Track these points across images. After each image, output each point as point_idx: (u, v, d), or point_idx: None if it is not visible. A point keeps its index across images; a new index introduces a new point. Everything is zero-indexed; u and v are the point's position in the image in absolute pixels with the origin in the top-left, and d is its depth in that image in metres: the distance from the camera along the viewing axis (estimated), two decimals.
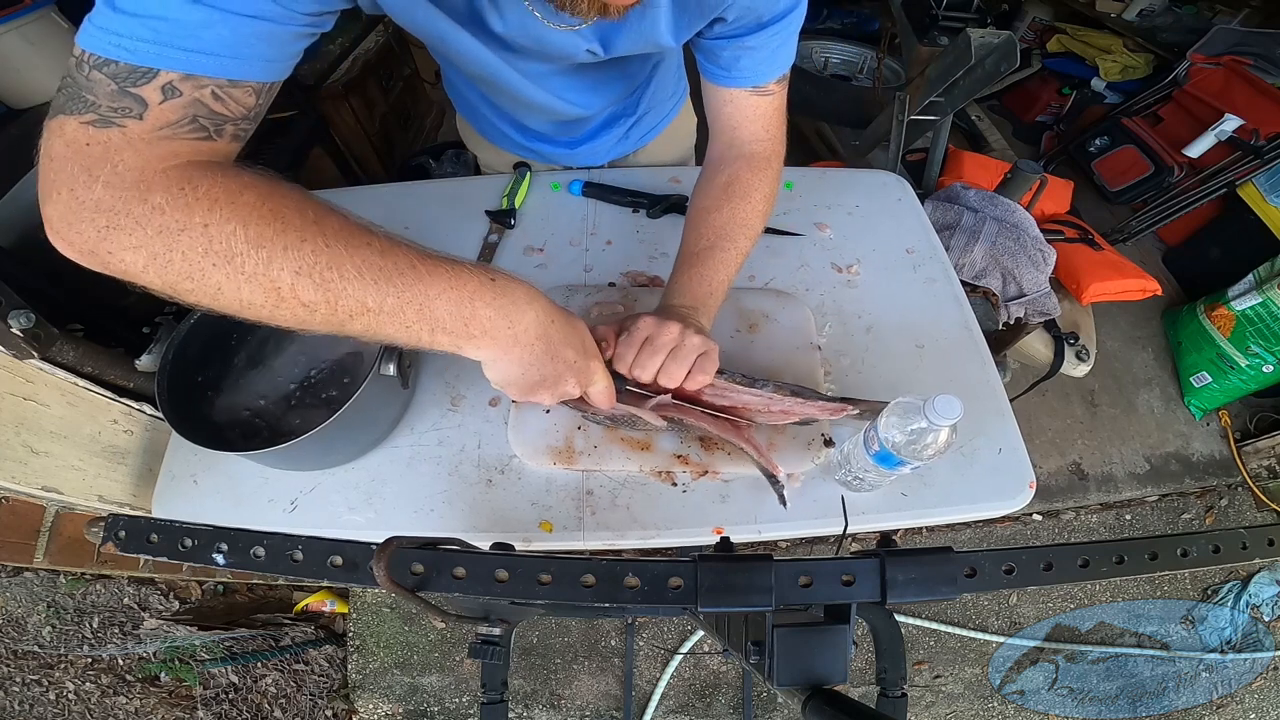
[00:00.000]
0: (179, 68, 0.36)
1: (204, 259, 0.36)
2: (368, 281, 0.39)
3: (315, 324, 0.39)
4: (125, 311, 0.81)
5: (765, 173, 0.69)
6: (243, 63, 0.39)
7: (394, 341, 0.43)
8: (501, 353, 0.47)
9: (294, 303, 0.38)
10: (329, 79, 1.72)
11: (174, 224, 0.35)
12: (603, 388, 0.57)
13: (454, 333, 0.43)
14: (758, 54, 0.62)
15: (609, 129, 0.92)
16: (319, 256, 0.37)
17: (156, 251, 0.35)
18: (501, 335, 0.45)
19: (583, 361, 0.53)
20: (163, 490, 0.69)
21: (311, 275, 0.37)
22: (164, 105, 0.36)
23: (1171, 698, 1.55)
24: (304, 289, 0.37)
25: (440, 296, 0.42)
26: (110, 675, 1.38)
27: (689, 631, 1.50)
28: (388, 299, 0.40)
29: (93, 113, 0.35)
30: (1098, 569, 0.39)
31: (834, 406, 0.64)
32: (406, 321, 0.41)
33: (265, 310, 0.38)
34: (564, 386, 0.53)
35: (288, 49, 0.42)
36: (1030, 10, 2.62)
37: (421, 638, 1.47)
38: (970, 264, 1.21)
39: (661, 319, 0.60)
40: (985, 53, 1.21)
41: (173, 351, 0.63)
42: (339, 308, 0.39)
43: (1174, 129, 2.09)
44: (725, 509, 0.66)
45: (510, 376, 0.49)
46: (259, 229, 0.36)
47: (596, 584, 0.36)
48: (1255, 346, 1.71)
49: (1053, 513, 1.73)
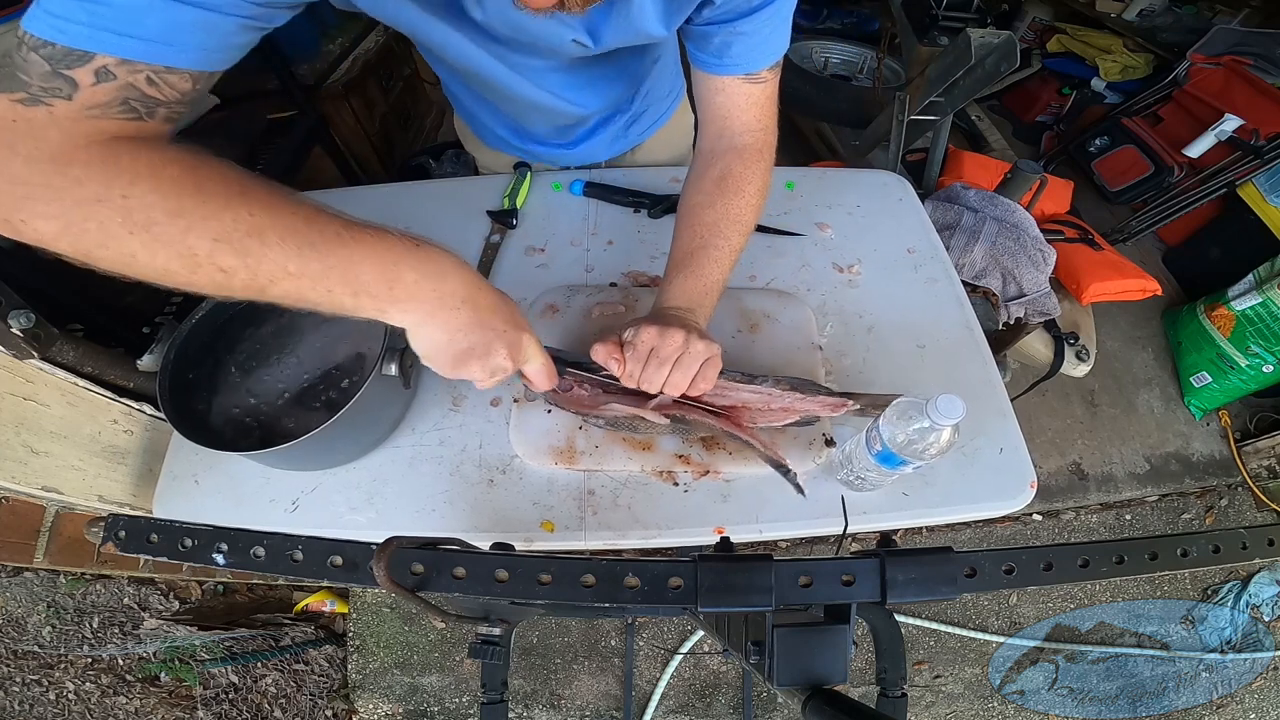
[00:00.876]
0: (112, 51, 0.37)
1: (121, 228, 0.36)
2: (290, 247, 0.39)
3: (234, 288, 0.40)
4: (125, 311, 0.81)
5: (758, 165, 0.68)
6: (178, 50, 0.39)
7: (317, 307, 0.43)
8: (427, 315, 0.46)
9: (211, 268, 0.38)
10: (329, 79, 1.73)
11: (91, 195, 0.36)
12: (539, 365, 0.56)
13: (378, 296, 0.43)
14: (749, 40, 0.61)
15: (605, 127, 0.91)
16: (239, 225, 0.38)
17: (71, 220, 0.36)
18: (426, 298, 0.45)
19: (514, 333, 0.52)
20: (164, 490, 0.69)
21: (231, 242, 0.38)
22: (95, 88, 0.37)
23: (1171, 698, 1.55)
24: (222, 255, 0.38)
25: (364, 261, 0.42)
26: (110, 675, 1.38)
27: (689, 631, 1.50)
28: (310, 264, 0.40)
29: (23, 91, 0.36)
30: (1098, 569, 0.39)
31: (835, 401, 0.64)
32: (329, 285, 0.41)
33: (181, 276, 0.39)
34: (495, 358, 0.51)
35: (229, 40, 0.42)
36: (1030, 10, 2.62)
37: (421, 638, 1.47)
38: (970, 264, 1.21)
39: (663, 328, 0.59)
40: (985, 53, 1.21)
41: (174, 351, 0.63)
42: (259, 272, 0.39)
43: (1174, 129, 2.09)
44: (727, 509, 0.66)
45: (438, 343, 0.49)
46: (179, 200, 0.37)
47: (596, 584, 0.36)
48: (1255, 346, 1.71)
49: (1053, 513, 1.73)
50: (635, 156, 1.03)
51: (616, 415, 0.64)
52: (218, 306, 0.67)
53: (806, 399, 0.64)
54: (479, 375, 0.52)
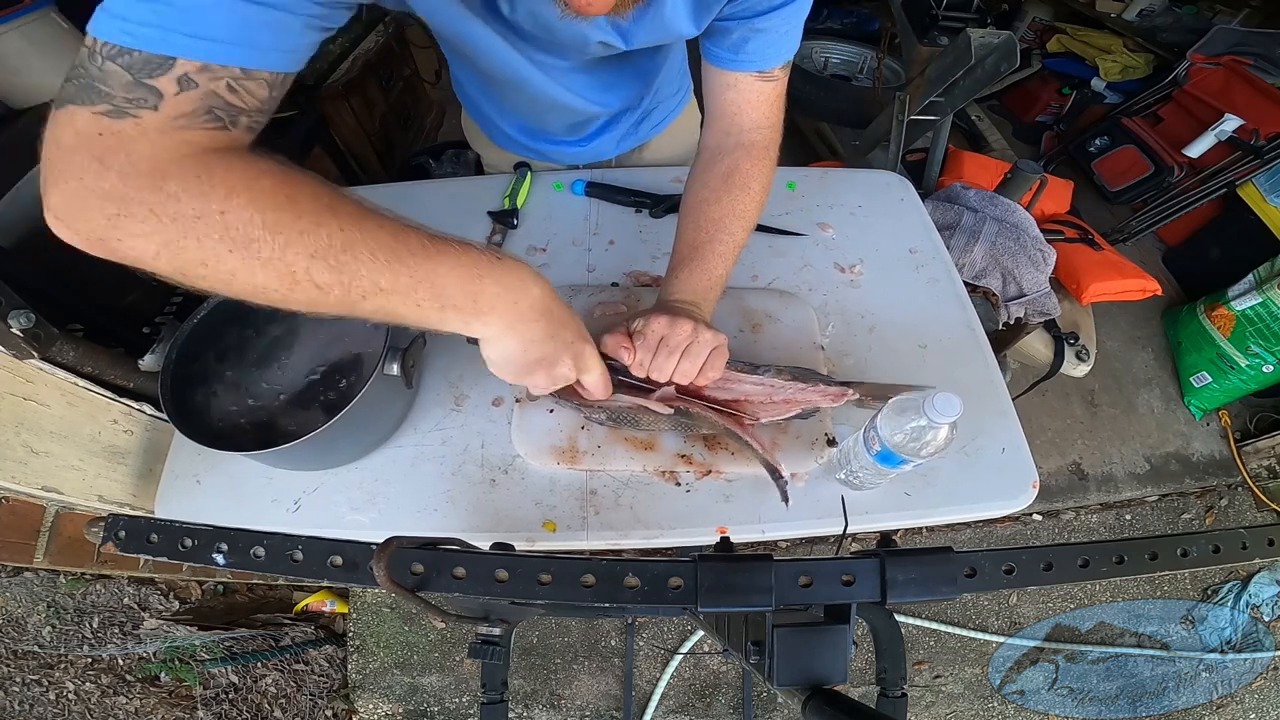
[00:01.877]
0: (186, 54, 0.36)
1: (220, 245, 0.36)
2: (381, 262, 0.40)
3: (328, 305, 0.40)
4: (126, 311, 0.81)
5: (764, 163, 0.69)
6: (251, 50, 0.38)
7: (404, 321, 0.43)
8: (506, 328, 0.47)
9: (308, 285, 0.38)
10: (329, 79, 1.72)
11: (190, 211, 0.35)
12: (598, 375, 0.57)
13: (463, 309, 0.44)
14: (766, 36, 0.62)
15: (616, 124, 0.92)
16: (334, 240, 0.38)
17: (170, 238, 0.36)
18: (508, 311, 0.47)
19: (579, 345, 0.54)
20: (165, 490, 0.69)
21: (326, 258, 0.38)
22: (180, 96, 0.36)
23: (1171, 698, 1.55)
24: (319, 272, 0.38)
25: (450, 274, 0.43)
26: (110, 675, 1.38)
27: (689, 631, 1.50)
28: (400, 278, 0.41)
29: (106, 103, 0.35)
30: (1098, 569, 0.39)
31: (835, 391, 0.65)
32: (418, 300, 0.42)
33: (279, 294, 0.38)
34: (560, 369, 0.53)
35: (298, 40, 0.41)
36: (1030, 10, 2.62)
37: (421, 638, 1.47)
38: (970, 264, 1.21)
39: (673, 318, 0.60)
40: (985, 53, 1.21)
41: (175, 351, 0.62)
42: (353, 289, 0.39)
43: (1174, 129, 2.09)
44: (729, 509, 0.66)
45: (511, 354, 0.50)
46: (276, 215, 0.37)
47: (596, 584, 0.36)
48: (1255, 346, 1.71)
49: (1053, 513, 1.73)
50: (643, 155, 1.03)
51: (621, 407, 0.64)
52: (218, 306, 0.67)
53: (808, 389, 0.65)
54: (543, 384, 0.54)
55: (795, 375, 0.66)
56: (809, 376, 0.66)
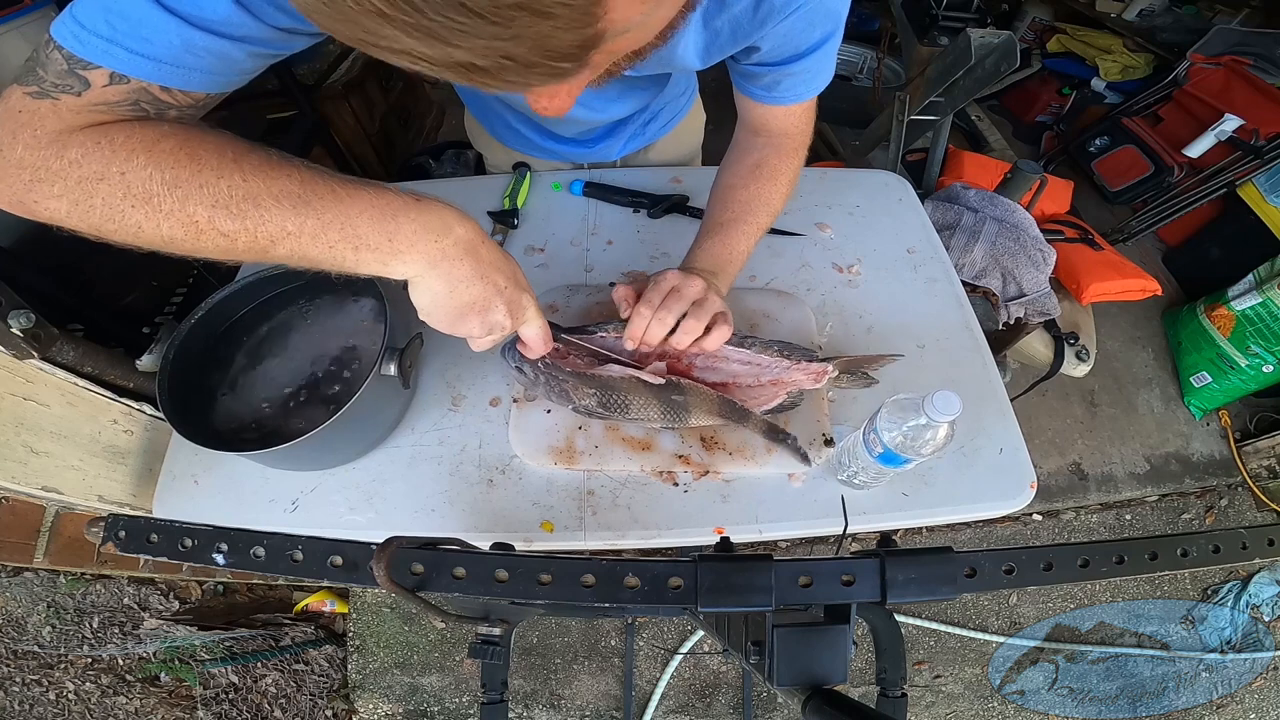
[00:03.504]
0: (119, 68, 0.38)
1: (123, 202, 0.39)
2: (286, 208, 0.40)
3: (239, 252, 0.41)
4: (125, 311, 0.81)
5: (793, 159, 0.71)
6: (186, 73, 0.40)
7: (321, 265, 0.43)
8: (428, 266, 0.46)
9: (213, 234, 0.40)
10: (329, 79, 1.73)
11: (92, 174, 0.38)
12: (537, 327, 0.56)
13: (378, 249, 0.43)
14: (799, 78, 0.63)
15: (624, 127, 0.92)
16: (235, 190, 0.39)
17: (78, 199, 0.39)
18: (429, 249, 0.45)
19: (514, 291, 0.52)
20: (163, 490, 0.69)
21: (229, 208, 0.39)
22: (108, 88, 0.39)
23: (1171, 698, 1.55)
24: (222, 220, 0.39)
25: (362, 215, 0.42)
26: (110, 675, 1.38)
27: (689, 631, 1.50)
28: (308, 221, 0.41)
29: (37, 85, 0.39)
30: (1098, 569, 0.39)
31: (817, 369, 0.67)
32: (330, 241, 0.42)
33: (187, 243, 0.40)
34: (495, 314, 0.51)
35: (240, 67, 0.43)
36: (1030, 10, 2.62)
37: (421, 638, 1.47)
38: (970, 264, 1.21)
39: (687, 274, 0.62)
40: (985, 53, 1.21)
41: (174, 351, 0.62)
42: (259, 234, 0.40)
43: (1174, 129, 2.09)
44: (726, 509, 0.66)
45: (437, 296, 0.48)
46: (175, 172, 0.39)
47: (596, 584, 0.36)
48: (1255, 346, 1.71)
49: (1053, 513, 1.73)
50: (648, 155, 1.03)
51: (612, 377, 0.63)
52: (217, 306, 0.67)
53: (792, 367, 0.67)
54: (477, 331, 0.51)
55: (781, 350, 0.68)
56: (795, 352, 0.68)
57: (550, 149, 0.96)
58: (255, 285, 0.68)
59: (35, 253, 0.93)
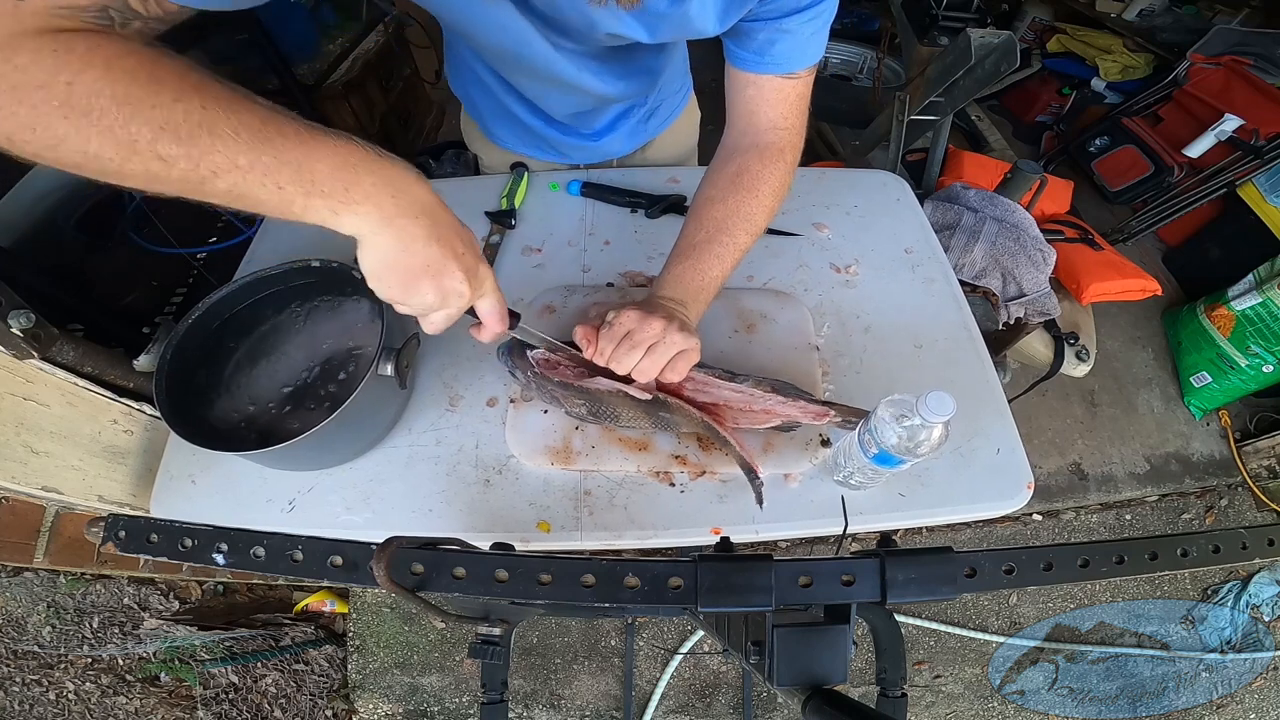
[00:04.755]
0: None
1: (55, 112, 0.35)
2: (243, 142, 0.38)
3: (170, 180, 0.38)
4: (125, 311, 0.81)
5: (777, 165, 0.67)
6: None
7: (260, 207, 0.41)
8: (383, 222, 0.44)
9: (149, 156, 0.36)
10: (329, 79, 1.73)
11: (32, 81, 0.34)
12: (493, 302, 0.53)
13: (332, 196, 0.41)
14: (792, 39, 0.61)
15: (625, 119, 0.92)
16: (191, 116, 0.37)
17: (2, 103, 0.35)
18: (385, 203, 0.43)
19: (471, 259, 0.50)
20: (161, 490, 0.69)
21: (178, 132, 0.36)
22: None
23: (1171, 698, 1.55)
24: (165, 144, 0.36)
25: (323, 161, 0.41)
26: (110, 675, 1.38)
27: (689, 631, 1.50)
28: (263, 157, 0.38)
29: None
30: (1098, 569, 0.39)
31: (816, 410, 0.64)
32: (280, 181, 0.39)
33: (112, 164, 0.37)
34: (451, 280, 0.48)
35: None
36: (1030, 10, 2.62)
37: (421, 638, 1.47)
38: (970, 264, 1.21)
39: (645, 314, 0.59)
40: (985, 53, 1.21)
41: (171, 351, 0.62)
42: (203, 164, 0.37)
43: (1174, 129, 2.09)
44: (723, 509, 0.66)
45: (389, 254, 0.45)
46: (128, 89, 0.36)
47: (596, 584, 0.36)
48: (1255, 346, 1.71)
49: (1053, 513, 1.73)
50: (646, 154, 1.03)
51: (600, 390, 0.63)
52: (215, 306, 0.67)
53: (787, 403, 0.64)
54: (431, 298, 0.48)
55: (775, 387, 0.65)
56: (788, 390, 0.65)
57: (550, 139, 0.93)
58: (252, 285, 0.68)
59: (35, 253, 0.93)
